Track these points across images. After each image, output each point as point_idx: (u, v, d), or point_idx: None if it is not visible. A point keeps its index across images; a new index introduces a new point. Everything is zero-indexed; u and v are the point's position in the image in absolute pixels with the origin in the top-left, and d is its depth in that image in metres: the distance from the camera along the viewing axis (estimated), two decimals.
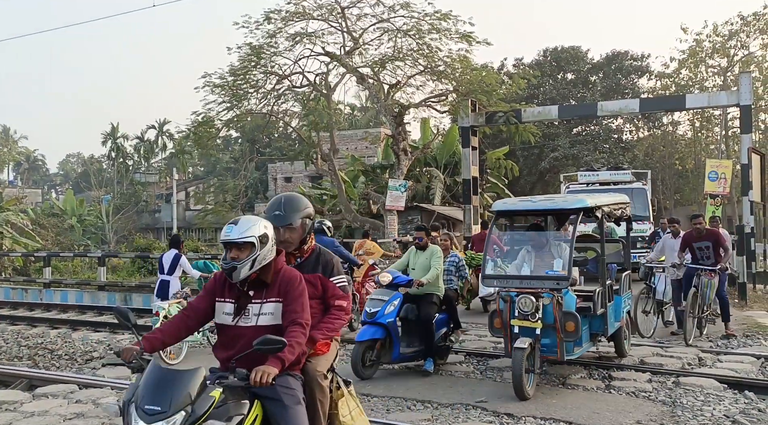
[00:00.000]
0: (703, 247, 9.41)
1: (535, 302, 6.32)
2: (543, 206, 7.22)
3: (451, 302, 7.91)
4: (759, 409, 6.13)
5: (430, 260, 7.61)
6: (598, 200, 7.01)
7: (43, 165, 78.93)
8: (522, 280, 6.58)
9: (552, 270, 6.59)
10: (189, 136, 18.68)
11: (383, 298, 7.26)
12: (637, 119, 37.20)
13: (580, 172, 17.76)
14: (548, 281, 6.44)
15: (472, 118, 16.67)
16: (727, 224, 23.42)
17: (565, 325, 6.37)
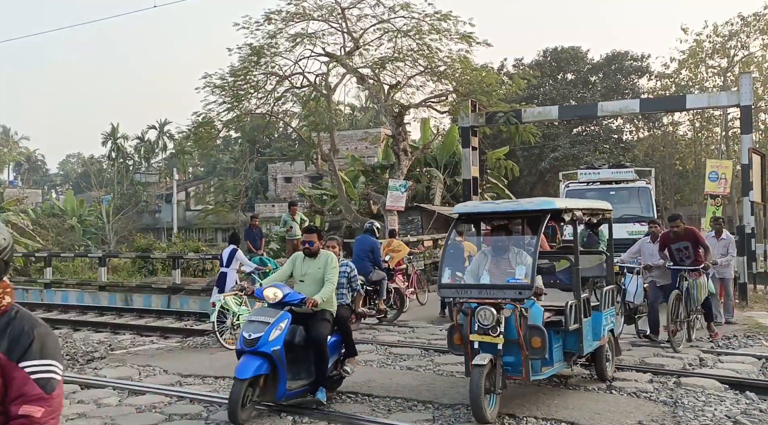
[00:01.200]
0: (682, 248, 8.97)
1: (496, 315, 5.61)
2: (507, 208, 6.50)
3: (345, 322, 6.54)
4: (760, 410, 6.13)
5: (323, 271, 6.26)
6: (569, 203, 6.43)
7: (44, 165, 78.95)
8: (481, 290, 5.89)
9: (514, 278, 5.95)
10: (189, 136, 18.69)
11: (267, 320, 5.77)
12: (637, 120, 37.20)
13: (580, 170, 17.03)
14: (509, 290, 5.78)
15: (472, 118, 16.68)
16: (728, 224, 23.38)
17: (531, 341, 5.67)
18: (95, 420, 6.00)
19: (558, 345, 6.24)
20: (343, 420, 5.79)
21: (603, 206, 7.35)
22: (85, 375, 7.94)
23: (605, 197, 15.11)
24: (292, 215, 15.88)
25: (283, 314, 5.84)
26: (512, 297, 5.70)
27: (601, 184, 15.69)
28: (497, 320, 5.62)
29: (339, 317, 6.38)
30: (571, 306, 6.17)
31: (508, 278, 5.99)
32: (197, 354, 9.08)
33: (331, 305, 6.28)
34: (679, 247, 8.97)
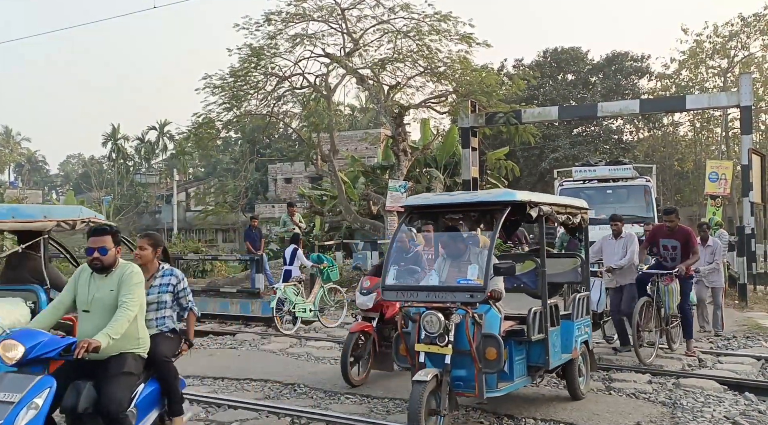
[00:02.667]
0: (670, 246, 8.20)
1: (443, 321, 4.87)
2: (461, 200, 5.67)
3: (165, 363, 4.46)
4: (759, 411, 6.13)
5: (117, 292, 4.15)
6: (534, 196, 5.69)
7: (44, 166, 79.04)
8: (428, 292, 5.15)
9: (464, 279, 5.25)
10: (189, 137, 18.69)
11: (8, 397, 3.68)
12: (637, 120, 37.20)
13: (576, 167, 16.05)
14: (459, 293, 5.02)
15: (472, 119, 16.68)
16: (728, 225, 23.40)
17: (485, 352, 4.94)
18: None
19: (520, 357, 5.55)
20: (341, 421, 5.79)
21: (578, 204, 6.56)
22: None
23: (602, 196, 14.44)
24: (290, 216, 15.88)
25: (39, 382, 3.76)
26: (463, 301, 4.95)
27: (598, 182, 14.93)
28: (445, 327, 4.88)
29: (155, 355, 4.38)
30: (534, 314, 5.45)
31: (459, 278, 5.30)
32: (196, 354, 9.07)
33: (137, 343, 4.22)
34: (667, 244, 8.23)
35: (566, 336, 6.06)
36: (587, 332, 6.54)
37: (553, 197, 6.46)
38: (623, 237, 8.55)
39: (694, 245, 8.22)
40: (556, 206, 5.94)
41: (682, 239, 8.13)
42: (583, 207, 6.59)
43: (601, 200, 14.23)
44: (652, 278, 8.14)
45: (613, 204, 14.09)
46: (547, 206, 5.70)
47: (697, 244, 8.32)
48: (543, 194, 6.14)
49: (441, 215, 6.04)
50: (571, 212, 6.22)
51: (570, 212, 6.22)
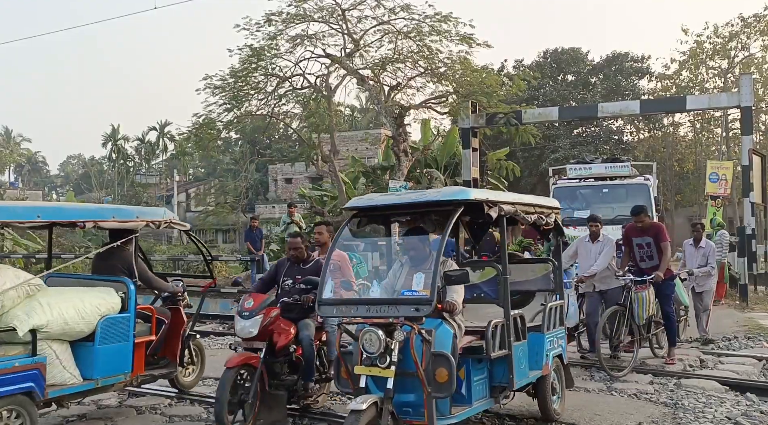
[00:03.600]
0: (644, 244, 7.86)
1: (383, 339, 4.22)
2: (408, 200, 5.01)
3: None
4: (761, 411, 6.13)
5: None
6: (492, 194, 5.12)
7: (44, 167, 79.07)
8: (369, 306, 4.53)
9: (409, 290, 4.69)
10: (190, 137, 18.70)
11: None
12: (637, 121, 37.21)
13: (570, 165, 15.07)
14: (403, 306, 4.41)
15: (472, 119, 16.68)
16: (729, 225, 23.40)
17: (434, 373, 4.28)
18: (96, 421, 6.00)
19: (481, 377, 4.93)
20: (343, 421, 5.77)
21: (548, 203, 5.97)
22: None
23: (597, 195, 13.72)
24: (290, 216, 15.89)
25: None
26: (407, 315, 4.30)
27: (594, 180, 14.13)
28: (386, 346, 4.24)
29: None
30: (495, 328, 4.84)
31: (403, 289, 4.74)
32: None
33: None
34: (641, 242, 7.90)
35: (535, 350, 5.48)
36: (561, 345, 5.91)
37: (519, 195, 5.81)
38: (600, 240, 8.02)
39: (664, 240, 7.76)
40: (522, 206, 5.38)
41: (653, 234, 7.80)
42: (555, 207, 6.00)
43: (598, 200, 13.57)
44: (626, 285, 7.68)
45: (611, 204, 13.55)
46: (509, 205, 5.12)
47: (667, 239, 7.82)
48: (505, 193, 5.81)
49: (389, 217, 5.42)
50: (541, 211, 5.63)
51: (541, 212, 5.61)
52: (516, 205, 5.28)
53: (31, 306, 4.96)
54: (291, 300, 5.80)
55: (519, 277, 6.03)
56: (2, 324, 4.85)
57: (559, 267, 6.07)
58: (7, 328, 4.81)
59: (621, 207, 13.15)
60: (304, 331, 5.75)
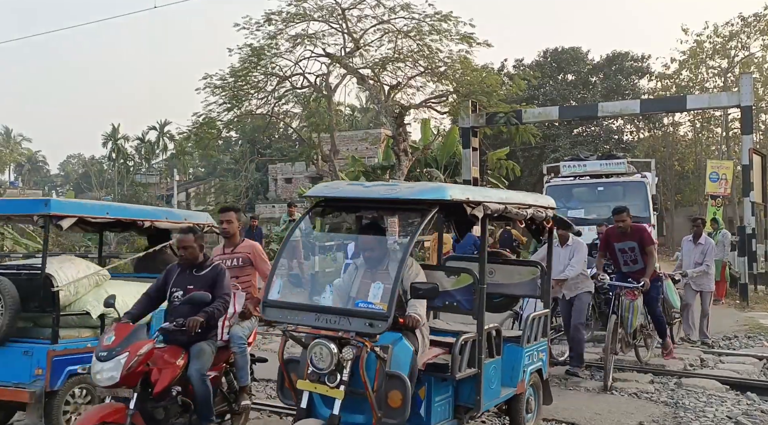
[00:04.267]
0: (627, 249, 7.36)
1: (336, 354, 3.73)
2: (376, 195, 4.36)
3: None
4: (762, 410, 6.13)
5: None
6: (474, 192, 4.50)
7: (45, 166, 79.07)
8: (319, 314, 3.97)
9: (364, 301, 4.09)
10: (190, 137, 18.71)
11: None
12: (637, 120, 37.18)
13: (564, 162, 14.37)
14: (356, 319, 3.82)
15: (472, 119, 16.68)
16: (729, 225, 23.39)
17: (387, 396, 3.80)
18: None
19: (444, 396, 4.37)
20: None
21: (543, 202, 5.41)
22: None
23: (593, 194, 13.15)
24: (290, 216, 15.87)
25: None
26: (359, 331, 3.77)
27: (590, 178, 13.53)
28: (338, 363, 3.74)
29: None
30: (464, 344, 4.27)
31: (357, 300, 4.16)
32: None
33: None
34: (624, 247, 7.37)
35: (511, 365, 4.93)
36: (542, 358, 5.37)
37: (509, 192, 5.36)
38: (570, 245, 7.43)
39: (650, 244, 7.38)
40: (513, 204, 4.80)
41: (637, 239, 7.33)
42: (550, 206, 5.46)
43: (593, 199, 12.96)
44: (615, 292, 7.19)
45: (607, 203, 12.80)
46: (496, 204, 4.53)
47: (652, 242, 7.48)
48: (492, 190, 5.15)
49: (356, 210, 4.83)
50: (536, 210, 5.13)
51: (536, 211, 5.12)
52: (505, 203, 4.72)
53: (99, 294, 5.50)
54: (172, 326, 4.44)
55: (504, 279, 5.65)
56: (77, 308, 5.48)
57: (548, 271, 5.55)
58: (82, 312, 5.46)
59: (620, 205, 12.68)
60: (195, 363, 4.48)
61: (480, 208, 4.32)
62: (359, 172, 24.93)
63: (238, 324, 5.09)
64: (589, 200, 13.02)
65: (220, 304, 4.61)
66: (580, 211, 12.57)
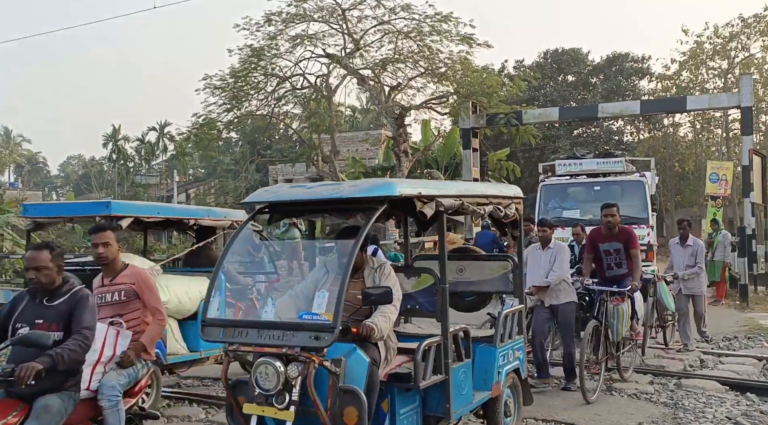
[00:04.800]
0: (612, 250, 6.91)
1: (283, 373, 3.46)
2: (317, 196, 4.10)
3: None
4: (761, 411, 6.13)
5: None
6: (427, 186, 4.18)
7: (45, 167, 79.11)
8: (261, 331, 3.63)
9: (309, 312, 3.80)
10: (189, 138, 18.71)
11: None
12: (637, 121, 37.20)
13: (560, 161, 13.82)
14: (301, 333, 3.51)
15: (472, 120, 16.69)
16: (729, 226, 23.38)
17: (342, 413, 3.52)
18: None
19: (410, 407, 4.07)
20: None
21: (507, 192, 5.10)
22: None
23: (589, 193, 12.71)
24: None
25: None
26: (303, 345, 3.47)
27: (587, 177, 13.03)
28: (287, 382, 3.47)
29: None
30: (428, 349, 3.97)
31: (302, 312, 3.85)
32: None
33: None
34: (609, 249, 6.93)
35: (485, 367, 4.67)
36: (519, 357, 5.12)
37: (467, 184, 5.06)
38: (551, 247, 6.86)
39: (634, 247, 6.86)
40: (470, 198, 4.48)
41: (623, 240, 6.89)
42: (516, 196, 5.18)
43: (590, 199, 12.40)
44: (600, 297, 6.69)
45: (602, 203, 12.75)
46: (451, 198, 4.23)
47: (638, 245, 6.95)
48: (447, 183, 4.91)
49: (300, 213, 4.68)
50: (498, 202, 4.80)
51: (498, 203, 4.79)
52: (462, 197, 4.38)
53: None
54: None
55: (474, 276, 5.38)
56: None
57: (520, 266, 5.34)
58: None
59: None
60: (31, 423, 3.46)
61: (432, 204, 4.03)
62: (359, 173, 24.95)
63: (114, 371, 4.01)
64: (586, 200, 12.48)
65: (76, 344, 3.51)
66: (576, 211, 12.29)
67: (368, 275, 4.21)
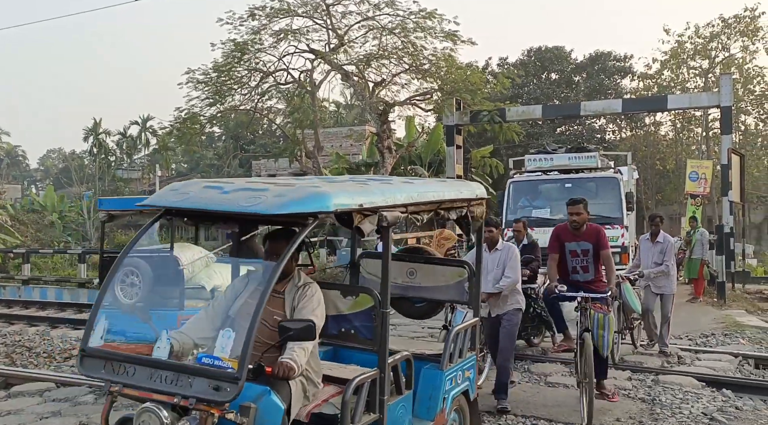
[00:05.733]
0: (579, 251, 6.05)
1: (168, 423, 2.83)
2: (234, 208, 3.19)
3: None
4: (736, 407, 6.22)
5: None
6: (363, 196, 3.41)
7: (24, 160, 77.92)
8: (153, 371, 2.96)
9: (208, 355, 2.91)
10: (172, 132, 18.53)
11: None
12: (619, 119, 37.56)
13: (529, 156, 12.73)
14: (199, 379, 2.85)
15: (456, 116, 16.70)
16: (708, 224, 23.71)
17: None
18: (70, 418, 5.92)
19: None
20: None
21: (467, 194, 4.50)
22: (62, 372, 7.84)
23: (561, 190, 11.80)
24: None
25: None
26: (200, 396, 2.82)
27: (560, 173, 12.11)
28: None
29: None
30: (360, 386, 3.38)
31: (201, 354, 2.99)
32: None
33: None
34: (576, 249, 6.06)
35: (428, 394, 4.09)
36: (469, 377, 4.53)
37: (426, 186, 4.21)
38: (499, 249, 6.24)
39: (605, 247, 6.04)
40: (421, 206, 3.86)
41: (594, 240, 6.03)
42: (478, 197, 4.62)
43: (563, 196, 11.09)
44: (581, 304, 5.76)
45: None
46: (398, 209, 3.58)
47: (608, 246, 6.11)
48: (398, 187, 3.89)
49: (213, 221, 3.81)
50: (451, 206, 4.28)
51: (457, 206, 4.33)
52: (412, 206, 3.76)
53: (209, 273, 7.22)
54: None
55: (426, 281, 4.90)
56: (194, 283, 7.21)
57: (477, 273, 4.80)
58: (198, 286, 7.19)
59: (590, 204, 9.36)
60: None
61: (373, 218, 3.36)
62: (343, 168, 24.92)
63: None
64: (557, 198, 11.44)
65: None
66: (546, 210, 11.56)
67: (289, 292, 3.55)
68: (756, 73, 33.34)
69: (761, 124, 35.97)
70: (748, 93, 33.52)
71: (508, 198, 12.17)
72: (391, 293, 4.42)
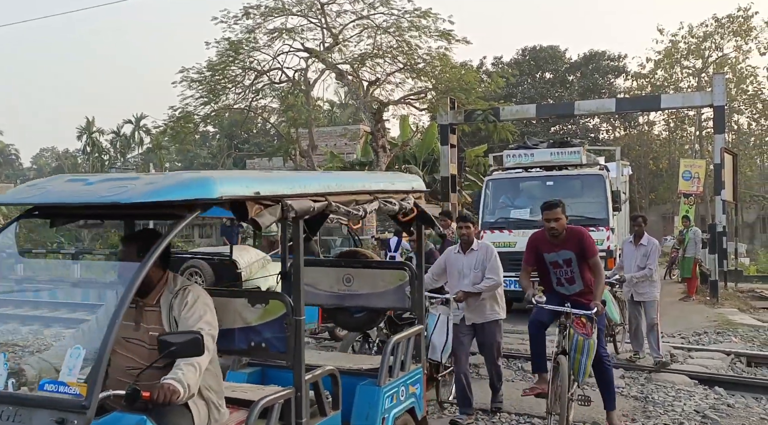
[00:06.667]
0: (561, 262, 5.08)
1: None
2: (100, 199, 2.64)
3: None
4: (728, 404, 6.27)
5: None
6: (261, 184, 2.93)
7: (17, 159, 77.54)
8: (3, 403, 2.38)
9: (53, 380, 2.40)
10: (166, 131, 18.50)
11: None
12: (613, 119, 37.71)
13: (508, 151, 11.80)
14: (40, 412, 2.31)
15: (450, 116, 16.73)
16: (701, 223, 23.82)
17: None
18: None
19: None
20: None
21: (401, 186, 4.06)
22: None
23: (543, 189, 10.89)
24: None
25: None
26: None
27: (542, 170, 11.23)
28: None
29: None
30: (267, 407, 2.91)
31: (44, 380, 2.44)
32: None
33: None
34: (557, 260, 5.08)
35: (364, 414, 3.66)
36: (414, 393, 4.06)
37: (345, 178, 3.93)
38: (476, 250, 5.59)
39: (593, 254, 5.05)
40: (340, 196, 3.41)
41: (576, 248, 5.04)
42: (415, 189, 4.16)
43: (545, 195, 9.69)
44: (560, 320, 5.03)
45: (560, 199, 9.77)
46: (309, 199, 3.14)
47: (596, 252, 5.13)
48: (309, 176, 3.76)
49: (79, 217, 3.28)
50: (389, 197, 3.81)
51: (387, 198, 3.79)
52: (329, 195, 3.30)
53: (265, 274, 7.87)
54: None
55: (364, 288, 4.41)
56: (251, 284, 7.76)
57: (420, 276, 4.29)
58: (254, 288, 7.61)
59: (572, 204, 9.13)
60: None
61: (275, 208, 2.91)
62: (337, 168, 24.89)
63: None
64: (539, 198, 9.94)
65: None
66: (525, 210, 10.58)
67: (165, 302, 2.98)
68: (749, 72, 33.55)
69: (754, 123, 36.19)
70: (741, 93, 33.71)
71: (485, 197, 11.28)
72: (327, 304, 4.24)
